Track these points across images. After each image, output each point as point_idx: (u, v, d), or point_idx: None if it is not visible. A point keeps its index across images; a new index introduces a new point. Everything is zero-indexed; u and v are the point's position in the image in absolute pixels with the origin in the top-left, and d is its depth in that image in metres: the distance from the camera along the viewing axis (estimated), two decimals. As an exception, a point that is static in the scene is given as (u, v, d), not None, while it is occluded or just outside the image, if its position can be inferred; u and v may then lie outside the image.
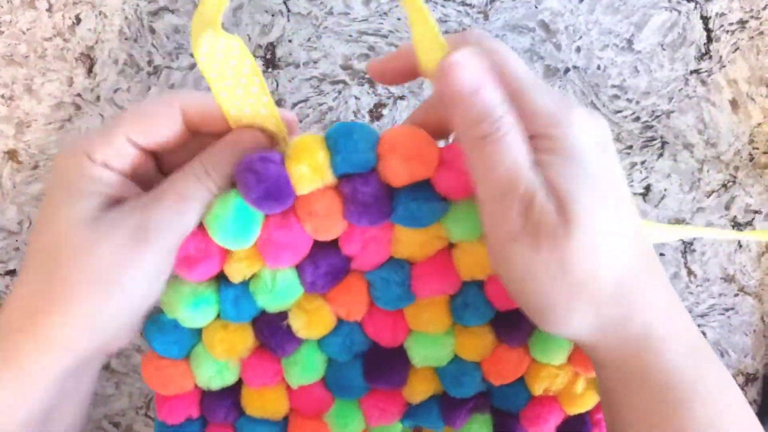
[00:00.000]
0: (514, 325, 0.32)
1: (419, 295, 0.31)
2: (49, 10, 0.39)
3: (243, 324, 0.31)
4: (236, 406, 0.33)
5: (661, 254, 0.43)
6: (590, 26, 0.40)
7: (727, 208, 0.42)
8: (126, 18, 0.39)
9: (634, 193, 0.43)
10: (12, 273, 0.40)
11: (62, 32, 0.39)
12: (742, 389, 0.46)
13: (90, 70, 0.39)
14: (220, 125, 0.29)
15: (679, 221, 0.43)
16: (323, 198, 0.28)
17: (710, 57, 0.41)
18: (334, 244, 0.30)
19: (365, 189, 0.28)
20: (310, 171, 0.27)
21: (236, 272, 0.29)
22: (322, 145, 0.28)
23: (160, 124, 0.28)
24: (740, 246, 0.42)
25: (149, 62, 0.39)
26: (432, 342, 0.32)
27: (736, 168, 0.42)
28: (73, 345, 0.27)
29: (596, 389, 0.34)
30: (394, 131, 0.28)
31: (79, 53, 0.39)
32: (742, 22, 0.41)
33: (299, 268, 0.30)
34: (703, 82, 0.41)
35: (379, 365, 0.33)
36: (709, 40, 0.41)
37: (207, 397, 0.33)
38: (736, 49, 0.41)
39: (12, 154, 0.39)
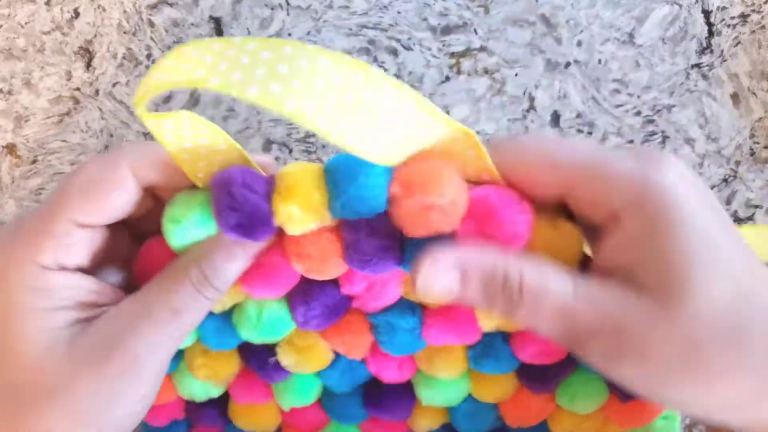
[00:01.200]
0: (542, 377, 0.27)
1: (431, 343, 0.26)
2: (47, 3, 0.38)
3: (227, 350, 0.28)
4: (223, 415, 0.30)
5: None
6: (591, 20, 0.40)
7: (728, 202, 0.42)
8: (125, 11, 0.39)
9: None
10: (11, 268, 0.40)
11: (61, 26, 0.38)
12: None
13: (89, 64, 0.39)
14: (181, 180, 0.24)
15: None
16: (318, 241, 0.23)
17: (711, 51, 0.41)
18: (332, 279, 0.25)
19: (372, 241, 0.22)
20: (301, 212, 0.22)
21: (216, 304, 0.25)
22: (318, 182, 0.22)
23: (109, 195, 0.22)
24: (741, 241, 0.42)
25: (148, 56, 0.39)
26: (443, 385, 0.28)
27: (737, 162, 0.42)
28: None
29: None
30: (413, 167, 0.22)
31: (78, 47, 0.39)
32: (744, 16, 0.41)
33: (289, 305, 0.25)
34: (705, 77, 0.41)
35: (381, 398, 0.29)
36: (711, 34, 0.41)
37: (192, 405, 0.30)
38: (737, 43, 0.41)
39: (11, 149, 0.39)
